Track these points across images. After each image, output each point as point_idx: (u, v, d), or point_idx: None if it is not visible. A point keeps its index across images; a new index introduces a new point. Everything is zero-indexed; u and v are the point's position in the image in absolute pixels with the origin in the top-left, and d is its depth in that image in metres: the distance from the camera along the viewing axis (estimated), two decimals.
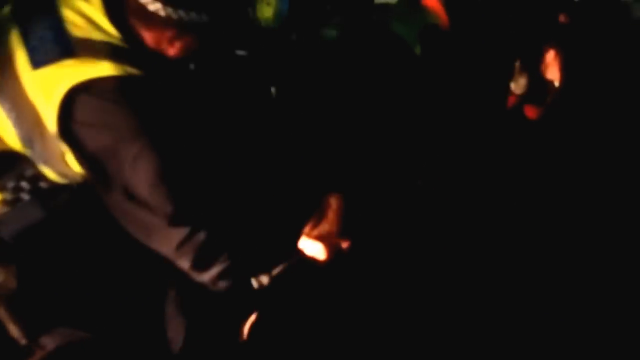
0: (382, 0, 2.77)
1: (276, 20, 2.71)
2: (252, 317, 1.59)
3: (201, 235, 1.18)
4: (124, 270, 1.34)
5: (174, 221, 1.16)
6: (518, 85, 2.57)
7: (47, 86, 1.11)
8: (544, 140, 2.62)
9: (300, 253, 1.34)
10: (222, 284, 1.24)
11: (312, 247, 1.34)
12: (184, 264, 1.21)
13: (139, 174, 1.14)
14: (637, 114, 2.63)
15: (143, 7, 1.12)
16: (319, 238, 1.34)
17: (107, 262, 1.31)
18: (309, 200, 1.39)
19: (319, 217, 1.36)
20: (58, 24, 1.13)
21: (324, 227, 1.35)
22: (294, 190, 1.47)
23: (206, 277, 1.23)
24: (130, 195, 1.15)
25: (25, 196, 1.21)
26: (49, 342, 1.25)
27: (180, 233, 1.18)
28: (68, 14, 1.14)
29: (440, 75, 2.32)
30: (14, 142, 1.17)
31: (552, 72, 2.54)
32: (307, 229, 1.35)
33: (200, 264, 1.21)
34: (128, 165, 1.13)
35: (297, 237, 1.34)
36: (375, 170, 2.24)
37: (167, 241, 1.18)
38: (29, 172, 1.20)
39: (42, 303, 1.26)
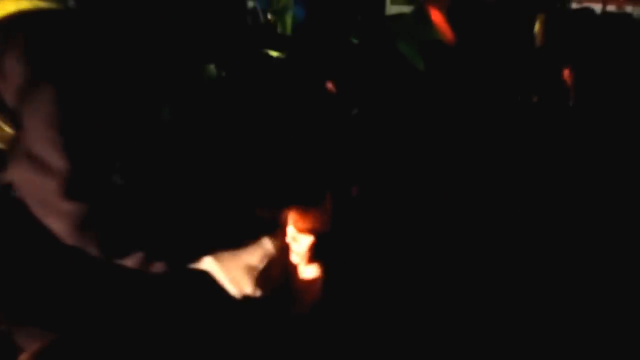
0: (394, 11, 2.78)
1: (291, 25, 2.73)
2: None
3: (107, 215, 1.01)
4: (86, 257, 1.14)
5: (70, 187, 0.98)
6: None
7: None
8: (553, 156, 2.60)
9: (286, 248, 1.29)
10: (157, 267, 1.08)
11: (298, 241, 1.28)
12: (91, 250, 1.04)
13: (36, 123, 0.99)
14: None
15: None
16: (306, 232, 1.28)
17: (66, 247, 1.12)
18: (291, 196, 1.35)
19: (306, 211, 1.29)
20: None
21: (311, 221, 1.29)
22: (279, 182, 1.44)
23: (129, 262, 1.06)
24: (30, 156, 0.99)
25: None
26: (21, 338, 1.13)
27: (78, 208, 0.99)
28: None
29: (444, 90, 2.31)
30: None
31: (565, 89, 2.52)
32: (293, 222, 1.28)
33: (110, 251, 1.05)
34: (27, 115, 1.00)
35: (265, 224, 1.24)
36: (374, 177, 2.24)
37: (62, 215, 1.00)
38: None
39: (4, 293, 1.13)
